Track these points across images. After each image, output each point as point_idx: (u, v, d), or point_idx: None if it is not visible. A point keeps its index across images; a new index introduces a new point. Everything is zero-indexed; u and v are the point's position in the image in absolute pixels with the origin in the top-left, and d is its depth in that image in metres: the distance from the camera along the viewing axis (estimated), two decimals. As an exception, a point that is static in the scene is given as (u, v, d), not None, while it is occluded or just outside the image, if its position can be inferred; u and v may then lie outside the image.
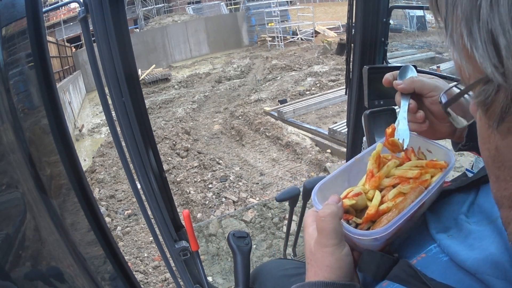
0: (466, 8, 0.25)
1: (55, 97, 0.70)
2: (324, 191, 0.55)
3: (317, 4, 21.28)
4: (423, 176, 0.52)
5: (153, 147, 1.02)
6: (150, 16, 21.53)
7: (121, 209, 4.74)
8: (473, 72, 0.28)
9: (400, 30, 12.27)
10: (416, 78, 0.61)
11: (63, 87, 9.96)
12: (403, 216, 0.47)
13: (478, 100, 0.28)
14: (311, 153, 5.51)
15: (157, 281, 3.30)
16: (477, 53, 0.25)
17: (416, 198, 0.49)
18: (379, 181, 0.54)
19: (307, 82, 10.00)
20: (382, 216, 0.50)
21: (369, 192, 0.53)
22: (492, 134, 0.29)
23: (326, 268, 0.47)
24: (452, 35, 0.28)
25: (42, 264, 0.79)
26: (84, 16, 0.81)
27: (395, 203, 0.50)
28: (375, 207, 0.50)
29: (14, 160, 0.68)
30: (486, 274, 0.37)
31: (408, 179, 0.53)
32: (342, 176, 0.59)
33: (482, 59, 0.25)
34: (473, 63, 0.27)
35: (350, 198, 0.52)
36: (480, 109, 0.29)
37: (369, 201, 0.53)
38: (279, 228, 3.53)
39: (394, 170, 0.55)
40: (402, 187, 0.52)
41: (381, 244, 0.49)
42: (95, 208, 0.80)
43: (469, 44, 0.25)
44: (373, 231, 0.47)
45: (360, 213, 0.53)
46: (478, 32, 0.24)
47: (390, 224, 0.46)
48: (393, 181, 0.54)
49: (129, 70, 0.87)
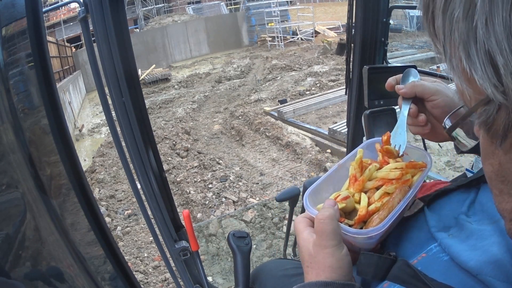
0: (462, 31, 0.25)
1: (55, 97, 0.70)
2: (313, 196, 0.58)
3: (317, 4, 21.27)
4: (405, 176, 0.56)
5: (153, 147, 1.02)
6: (150, 16, 21.52)
7: (121, 209, 4.74)
8: (473, 94, 0.28)
9: (400, 30, 12.28)
10: (418, 82, 0.62)
11: (63, 87, 9.96)
12: (396, 213, 0.50)
13: (480, 120, 0.28)
14: (311, 153, 5.51)
15: (157, 281, 3.30)
16: (477, 75, 0.25)
17: (403, 197, 0.53)
18: (363, 184, 0.57)
19: (307, 82, 10.00)
20: (372, 215, 0.53)
21: (355, 195, 0.57)
22: (495, 150, 0.29)
23: (327, 268, 0.48)
24: (451, 60, 0.28)
25: (42, 264, 0.79)
26: (84, 16, 0.80)
27: (382, 203, 0.54)
28: (365, 208, 0.54)
29: (14, 160, 0.68)
30: (488, 276, 0.37)
31: (391, 180, 0.56)
32: (328, 182, 0.62)
33: (482, 81, 0.25)
34: (473, 85, 0.27)
35: (340, 202, 0.54)
36: (483, 128, 0.29)
37: (356, 203, 0.56)
38: (279, 228, 3.53)
39: (376, 173, 0.59)
40: (387, 188, 0.55)
41: (376, 242, 0.52)
42: (95, 208, 0.80)
43: (468, 67, 0.26)
44: (371, 229, 0.49)
45: (348, 215, 0.56)
46: (476, 54, 0.25)
47: (385, 221, 0.49)
48: (376, 183, 0.57)
49: (129, 70, 0.87)
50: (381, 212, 0.51)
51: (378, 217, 0.51)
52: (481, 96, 0.27)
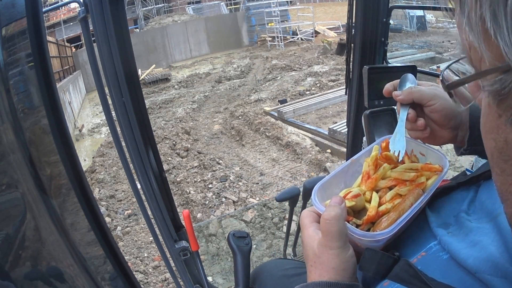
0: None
1: (55, 97, 0.70)
2: (322, 191, 0.56)
3: (317, 4, 21.26)
4: (419, 178, 0.54)
5: (153, 147, 1.02)
6: (150, 16, 21.52)
7: (121, 209, 4.74)
8: (490, 58, 0.25)
9: (400, 30, 12.28)
10: (415, 88, 0.62)
11: (63, 87, 9.96)
12: (406, 218, 0.49)
13: (492, 88, 0.25)
14: (311, 153, 5.51)
15: (157, 281, 3.30)
16: (502, 40, 0.23)
17: (414, 200, 0.51)
18: (375, 182, 0.56)
19: (307, 82, 10.00)
20: (381, 217, 0.51)
21: (366, 193, 0.55)
22: (502, 125, 0.27)
23: (331, 270, 0.47)
24: (469, 16, 0.25)
25: (42, 264, 0.79)
26: (84, 16, 0.80)
27: (393, 205, 0.52)
28: (375, 208, 0.52)
29: (14, 160, 0.68)
30: (486, 274, 0.37)
31: (405, 181, 0.55)
32: (339, 177, 0.60)
33: (508, 48, 0.23)
34: (493, 49, 0.24)
35: (349, 200, 0.53)
36: (492, 97, 0.27)
37: (366, 202, 0.54)
38: (279, 228, 3.53)
39: (389, 172, 0.57)
40: (399, 189, 0.53)
41: (382, 245, 0.50)
42: (95, 208, 0.80)
43: (493, 30, 0.23)
44: (379, 233, 0.48)
45: (357, 214, 0.54)
46: (504, 19, 0.22)
47: (394, 226, 0.48)
48: (389, 183, 0.56)
49: (129, 70, 0.87)
50: (391, 214, 0.50)
51: (387, 219, 0.49)
52: (499, 63, 0.24)
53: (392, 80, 0.68)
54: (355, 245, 0.51)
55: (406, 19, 13.13)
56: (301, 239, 0.53)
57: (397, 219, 0.49)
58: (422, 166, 0.56)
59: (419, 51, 10.05)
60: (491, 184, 0.48)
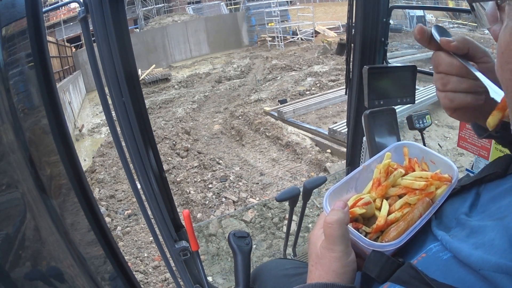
0: None
1: (55, 97, 0.70)
2: (334, 197, 0.57)
3: (317, 4, 21.26)
4: (429, 188, 0.54)
5: (153, 147, 1.02)
6: (150, 16, 21.51)
7: (121, 209, 4.74)
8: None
9: (400, 30, 12.27)
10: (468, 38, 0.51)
11: (63, 87, 9.95)
12: (414, 229, 0.49)
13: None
14: (311, 153, 5.51)
15: (157, 281, 3.30)
16: None
17: (424, 210, 0.51)
18: (386, 189, 0.56)
19: (307, 82, 9.99)
20: (390, 226, 0.52)
21: (376, 201, 0.55)
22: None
23: (332, 272, 0.48)
24: None
25: (42, 264, 0.79)
26: (84, 16, 0.81)
27: (402, 214, 0.52)
28: (384, 218, 0.52)
29: (14, 160, 0.68)
30: (490, 270, 0.36)
31: (414, 190, 0.55)
32: (350, 183, 0.61)
33: None
34: None
35: (360, 207, 0.53)
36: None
37: (376, 210, 0.55)
38: (279, 228, 3.53)
39: (400, 180, 0.57)
40: (409, 198, 0.54)
41: (389, 254, 0.51)
42: (95, 208, 0.80)
43: None
44: (386, 244, 0.49)
45: (367, 220, 0.55)
46: None
47: (402, 238, 0.49)
48: (399, 190, 0.56)
49: (129, 70, 0.87)
50: (400, 224, 0.51)
51: (395, 229, 0.50)
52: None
53: (392, 80, 0.67)
54: (363, 253, 0.51)
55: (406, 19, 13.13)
56: (308, 236, 0.54)
57: (405, 228, 0.50)
58: (432, 175, 0.55)
59: (419, 51, 10.03)
60: (494, 187, 0.48)
